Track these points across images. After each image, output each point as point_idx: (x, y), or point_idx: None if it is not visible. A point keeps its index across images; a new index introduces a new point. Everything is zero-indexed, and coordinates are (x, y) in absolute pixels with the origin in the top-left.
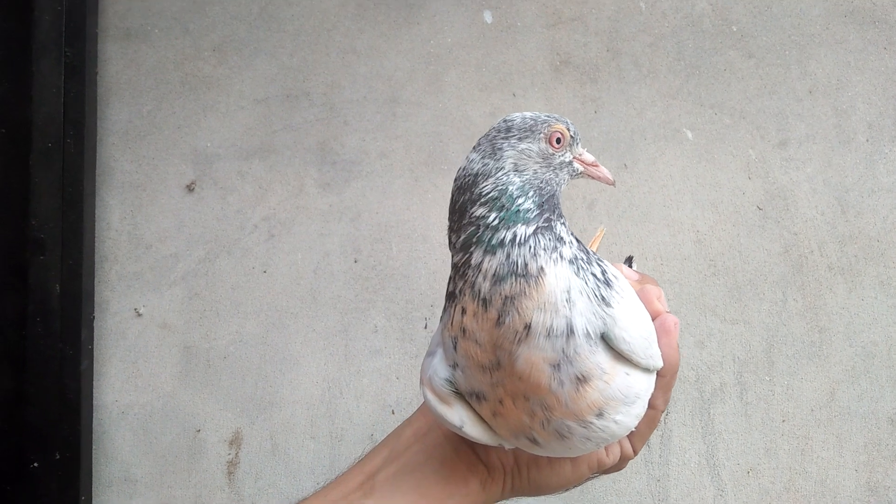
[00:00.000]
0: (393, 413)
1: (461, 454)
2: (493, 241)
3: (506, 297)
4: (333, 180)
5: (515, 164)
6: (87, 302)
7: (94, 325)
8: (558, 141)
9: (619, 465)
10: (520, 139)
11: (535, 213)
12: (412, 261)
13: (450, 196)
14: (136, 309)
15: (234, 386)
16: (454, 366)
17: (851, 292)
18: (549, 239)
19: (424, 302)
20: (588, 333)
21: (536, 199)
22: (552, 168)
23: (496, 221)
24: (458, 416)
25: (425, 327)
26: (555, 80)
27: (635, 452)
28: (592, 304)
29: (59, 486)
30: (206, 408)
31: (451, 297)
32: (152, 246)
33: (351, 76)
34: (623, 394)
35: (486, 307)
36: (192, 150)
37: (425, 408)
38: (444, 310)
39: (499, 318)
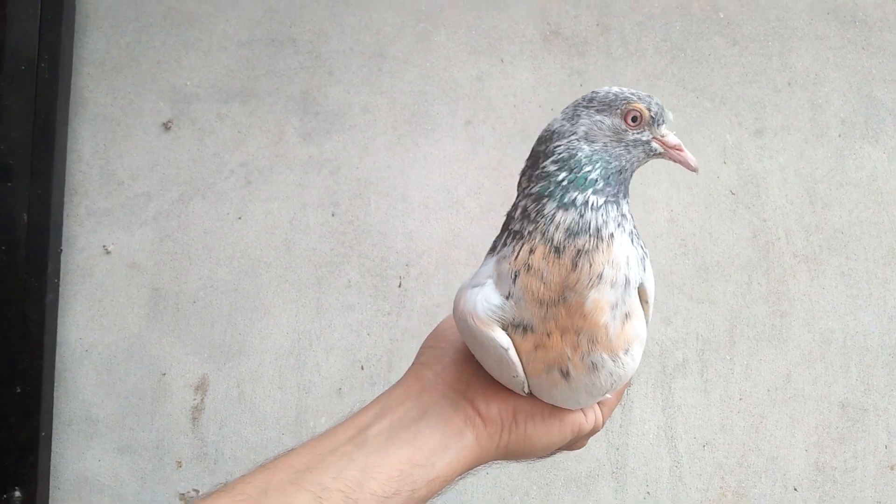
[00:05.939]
0: (362, 368)
1: (459, 409)
2: (566, 200)
3: (579, 249)
4: (314, 131)
5: (587, 133)
6: (55, 234)
7: (61, 259)
8: (634, 119)
9: (582, 441)
10: (598, 111)
11: (602, 185)
12: (390, 219)
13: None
14: (104, 246)
15: (203, 331)
16: (507, 296)
17: (813, 280)
18: (617, 213)
19: (399, 260)
20: (634, 284)
21: (602, 171)
22: (623, 144)
23: (566, 182)
24: (506, 339)
25: (399, 286)
26: (543, 50)
27: (603, 422)
28: (639, 267)
29: (18, 419)
30: (173, 351)
31: (516, 235)
32: (124, 183)
33: (339, 26)
34: (640, 333)
35: (558, 254)
36: (170, 87)
37: (418, 372)
38: (502, 244)
39: (574, 266)
